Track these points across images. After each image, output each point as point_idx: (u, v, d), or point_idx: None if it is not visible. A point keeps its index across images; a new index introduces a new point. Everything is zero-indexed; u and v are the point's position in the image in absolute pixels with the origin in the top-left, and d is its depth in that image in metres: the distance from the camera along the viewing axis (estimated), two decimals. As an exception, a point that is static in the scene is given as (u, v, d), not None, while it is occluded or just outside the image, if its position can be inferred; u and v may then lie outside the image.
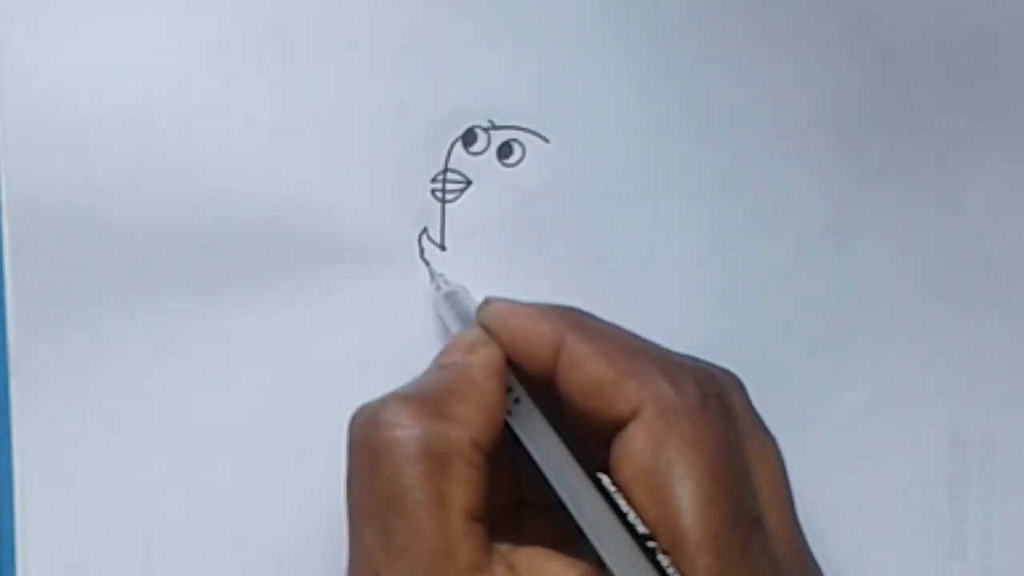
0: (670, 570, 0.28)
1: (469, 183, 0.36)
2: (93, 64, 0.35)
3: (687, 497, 0.28)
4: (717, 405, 0.30)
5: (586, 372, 0.30)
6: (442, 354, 0.33)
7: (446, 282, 0.35)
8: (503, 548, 0.30)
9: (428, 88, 0.36)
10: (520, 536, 0.31)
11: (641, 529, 0.29)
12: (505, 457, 0.31)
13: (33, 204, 0.34)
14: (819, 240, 0.38)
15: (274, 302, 0.35)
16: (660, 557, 0.28)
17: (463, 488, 0.29)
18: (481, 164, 0.36)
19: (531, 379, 0.32)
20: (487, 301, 0.33)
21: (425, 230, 0.36)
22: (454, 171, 0.36)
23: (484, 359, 0.32)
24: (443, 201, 0.36)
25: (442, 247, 0.36)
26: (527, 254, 0.36)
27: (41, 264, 0.34)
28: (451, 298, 0.35)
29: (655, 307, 0.37)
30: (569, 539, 0.31)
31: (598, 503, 0.29)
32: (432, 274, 0.36)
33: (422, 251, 0.36)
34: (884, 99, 0.38)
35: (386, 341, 0.36)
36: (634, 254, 0.37)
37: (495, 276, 0.36)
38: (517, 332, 0.32)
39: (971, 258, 0.38)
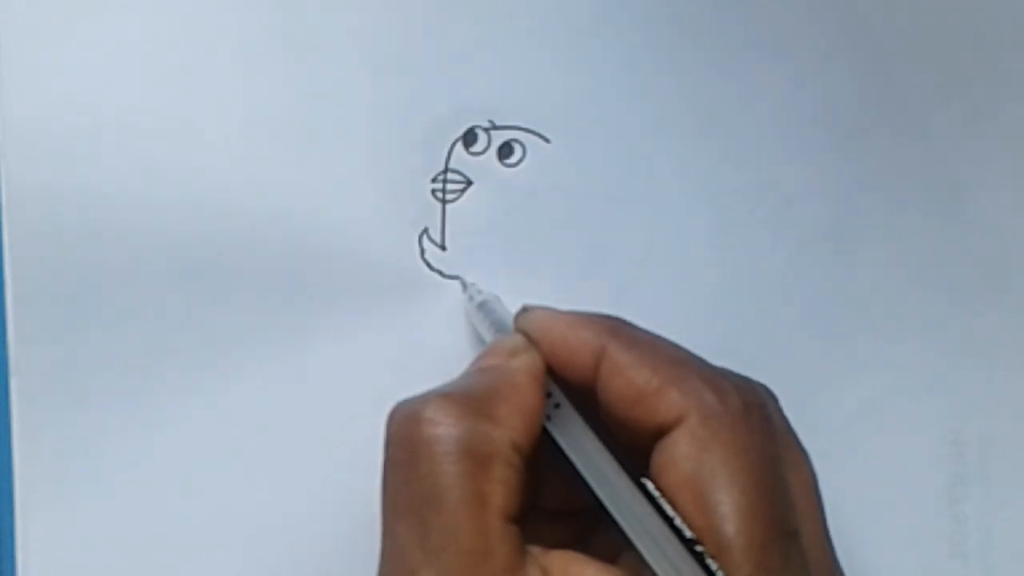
0: (719, 574, 0.28)
1: (470, 183, 0.36)
2: (93, 65, 0.35)
3: (731, 505, 0.28)
4: (759, 415, 0.30)
5: (628, 380, 0.30)
6: (481, 358, 0.33)
7: (479, 291, 0.35)
8: (535, 551, 0.30)
9: (428, 88, 0.36)
10: (538, 541, 0.31)
11: (688, 534, 0.28)
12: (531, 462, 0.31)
13: (33, 205, 0.34)
14: (818, 240, 0.38)
15: (274, 302, 0.35)
16: (709, 561, 0.28)
17: (502, 489, 0.29)
18: (482, 164, 0.36)
19: (569, 386, 0.32)
20: (526, 309, 0.33)
21: (426, 230, 0.36)
22: (454, 171, 0.36)
23: (526, 363, 0.31)
24: (443, 201, 0.36)
25: (442, 247, 0.36)
26: (527, 254, 0.36)
27: (41, 264, 0.34)
28: (485, 307, 0.35)
29: (655, 307, 0.37)
30: (581, 543, 0.31)
31: (644, 508, 0.29)
32: (465, 284, 0.36)
33: (423, 251, 0.36)
34: (884, 100, 0.38)
35: (386, 340, 0.36)
36: (634, 254, 0.37)
37: (495, 276, 0.36)
38: (559, 339, 0.32)
39: (971, 258, 0.38)
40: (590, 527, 0.33)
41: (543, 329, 0.32)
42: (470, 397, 0.30)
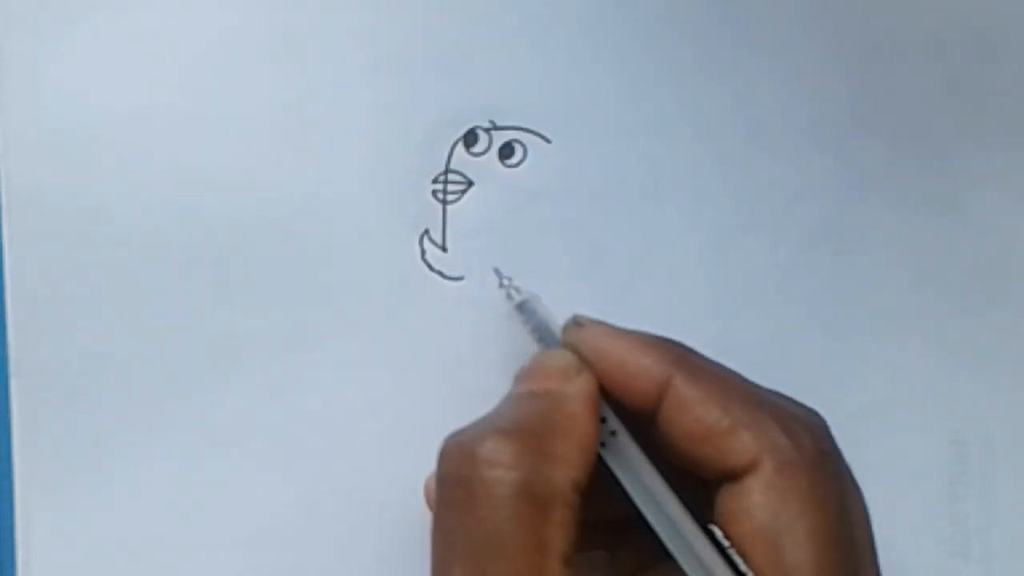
0: None
1: (470, 184, 0.36)
2: (93, 65, 0.35)
3: (807, 563, 0.28)
4: (832, 463, 0.29)
5: (696, 417, 0.29)
6: (528, 378, 0.31)
7: (517, 290, 0.34)
8: None
9: (429, 89, 0.36)
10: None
11: None
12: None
13: (33, 204, 0.34)
14: (819, 240, 0.38)
15: (274, 303, 0.35)
16: None
17: (561, 532, 0.28)
18: (482, 165, 0.36)
19: (621, 410, 0.31)
20: (577, 322, 0.32)
21: (426, 231, 0.36)
22: (455, 172, 0.36)
23: (581, 390, 0.30)
24: (444, 202, 0.36)
25: (443, 248, 0.36)
26: (528, 254, 0.36)
27: (41, 264, 0.34)
28: (526, 309, 0.33)
29: (655, 307, 0.37)
30: (609, 554, 0.31)
31: (710, 555, 0.28)
32: (501, 281, 0.34)
33: (423, 252, 0.36)
34: (883, 101, 0.38)
35: (386, 341, 0.36)
36: (634, 254, 0.37)
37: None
38: (616, 365, 0.30)
39: (971, 259, 0.38)
40: (619, 537, 0.32)
41: (599, 351, 0.31)
42: (528, 433, 0.29)
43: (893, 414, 0.38)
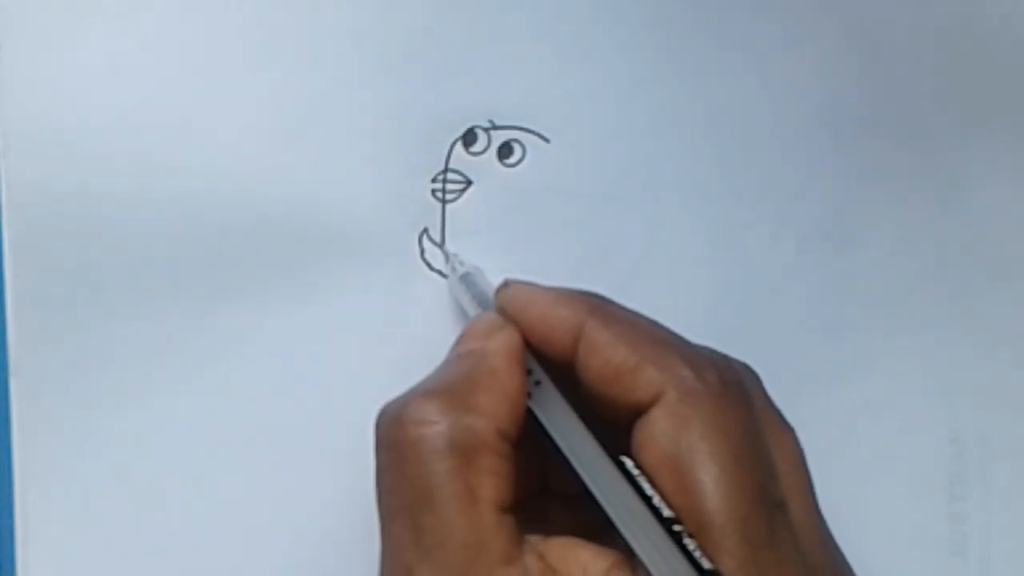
0: (696, 554, 0.28)
1: (469, 183, 0.36)
2: (93, 65, 0.35)
3: (712, 481, 0.28)
4: (737, 392, 0.30)
5: (606, 358, 0.30)
6: (459, 341, 0.33)
7: (461, 263, 0.35)
8: (533, 539, 0.30)
9: (428, 88, 0.36)
10: (548, 526, 0.31)
11: (667, 513, 0.29)
12: (530, 445, 0.31)
13: (33, 205, 0.34)
14: (819, 240, 0.38)
15: (274, 302, 0.35)
16: (687, 541, 0.28)
17: (492, 480, 0.29)
18: (481, 164, 0.36)
19: (549, 362, 0.32)
20: (506, 284, 0.33)
21: (426, 230, 0.36)
22: (454, 171, 0.36)
23: (503, 345, 0.31)
24: (443, 201, 0.36)
25: (442, 247, 0.36)
26: (527, 254, 0.36)
27: (41, 264, 0.34)
28: (467, 279, 0.35)
29: (655, 307, 0.37)
30: (597, 527, 0.31)
31: (622, 487, 0.29)
32: (447, 255, 0.36)
33: (423, 251, 0.36)
34: (883, 99, 0.38)
35: (386, 341, 0.36)
36: (634, 254, 0.37)
37: (495, 276, 0.36)
38: (536, 318, 0.32)
39: (971, 258, 0.38)
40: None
41: (521, 306, 0.32)
42: (450, 390, 0.30)
43: (893, 413, 0.38)
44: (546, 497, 0.34)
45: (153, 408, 0.35)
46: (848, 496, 0.37)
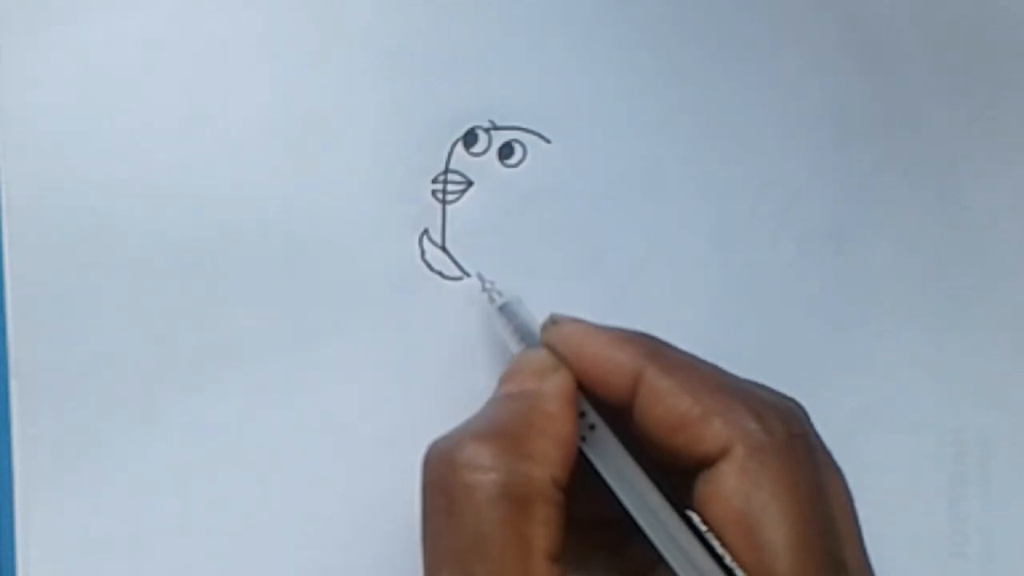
0: None
1: (470, 184, 0.36)
2: (93, 64, 0.35)
3: (782, 542, 0.28)
4: (803, 444, 0.30)
5: (669, 407, 0.30)
6: (508, 379, 0.32)
7: (499, 293, 0.34)
8: None
9: (429, 89, 0.36)
10: (589, 571, 0.31)
11: (739, 573, 0.28)
12: (578, 487, 0.30)
13: (33, 204, 0.34)
14: (819, 240, 0.38)
15: (273, 303, 0.35)
16: None
17: (545, 530, 0.28)
18: (482, 165, 0.36)
19: (601, 404, 0.31)
20: (554, 320, 0.33)
21: (426, 231, 0.36)
22: (455, 172, 0.36)
23: (558, 387, 0.31)
24: (444, 202, 0.36)
25: (443, 248, 0.36)
26: (528, 254, 0.36)
27: (41, 264, 0.34)
28: (507, 310, 0.34)
29: (655, 307, 0.37)
30: (616, 555, 0.31)
31: (690, 542, 0.29)
32: (483, 283, 0.35)
33: (423, 252, 0.36)
34: (884, 99, 0.38)
35: (386, 343, 0.36)
36: (634, 254, 0.37)
37: (496, 277, 0.36)
38: (591, 361, 0.31)
39: (971, 258, 0.38)
40: (624, 536, 0.32)
41: (574, 347, 0.31)
42: (503, 434, 0.29)
43: (893, 413, 0.38)
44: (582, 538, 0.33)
45: (153, 408, 0.35)
46: (848, 496, 0.37)
